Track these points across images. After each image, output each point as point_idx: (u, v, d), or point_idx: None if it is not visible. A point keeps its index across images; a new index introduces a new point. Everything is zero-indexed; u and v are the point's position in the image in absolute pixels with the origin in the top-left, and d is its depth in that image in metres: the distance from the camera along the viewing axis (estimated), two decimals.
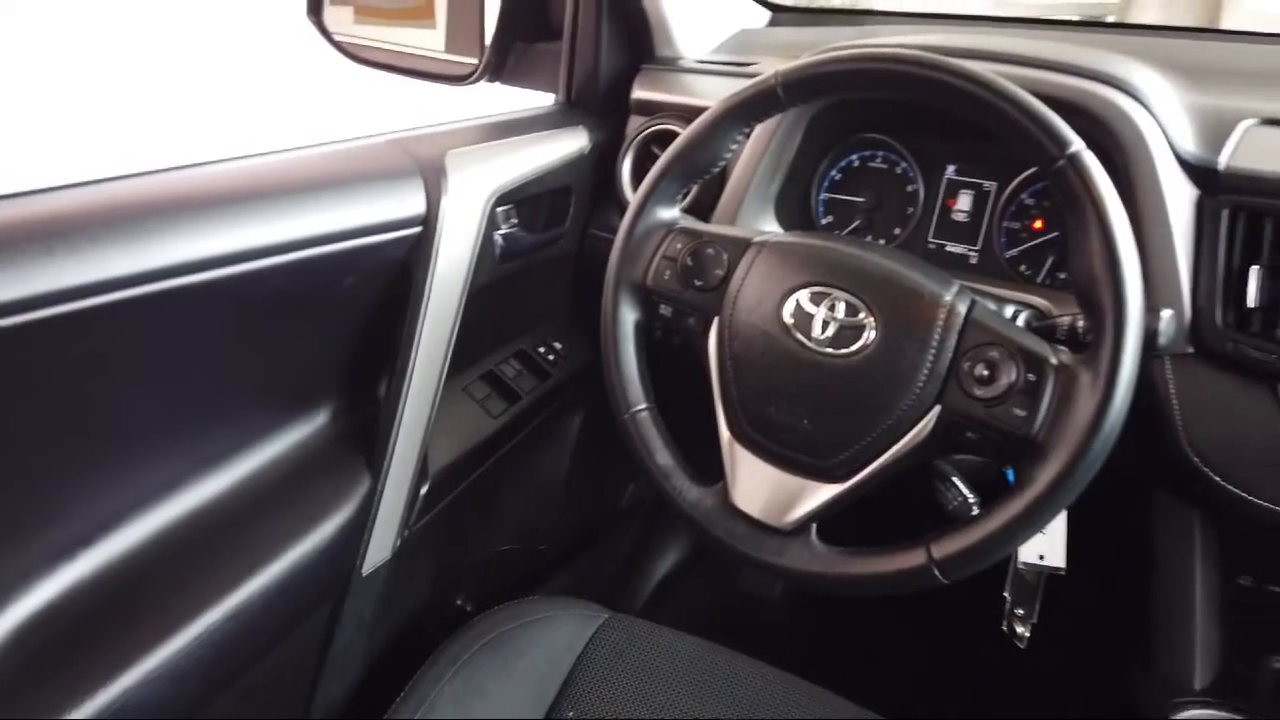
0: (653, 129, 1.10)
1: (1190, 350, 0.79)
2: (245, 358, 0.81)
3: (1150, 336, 0.72)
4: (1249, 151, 0.80)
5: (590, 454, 1.33)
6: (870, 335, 0.71)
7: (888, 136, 1.03)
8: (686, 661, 0.87)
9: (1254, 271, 0.76)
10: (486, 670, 0.85)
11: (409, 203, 0.87)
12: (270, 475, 0.86)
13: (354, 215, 0.80)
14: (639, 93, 1.14)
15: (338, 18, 1.24)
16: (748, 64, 1.13)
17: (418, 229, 0.88)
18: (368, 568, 0.96)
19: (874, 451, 0.70)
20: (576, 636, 0.89)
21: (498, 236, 1.01)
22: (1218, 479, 0.77)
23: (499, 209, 0.99)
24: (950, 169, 1.00)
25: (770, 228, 0.99)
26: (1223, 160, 0.80)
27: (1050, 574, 0.84)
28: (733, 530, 0.76)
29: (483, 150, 0.97)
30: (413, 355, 0.92)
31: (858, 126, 1.04)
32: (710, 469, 0.79)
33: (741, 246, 0.79)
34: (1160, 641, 0.93)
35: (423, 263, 0.90)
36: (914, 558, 0.67)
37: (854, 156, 1.05)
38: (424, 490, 1.01)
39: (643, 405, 0.82)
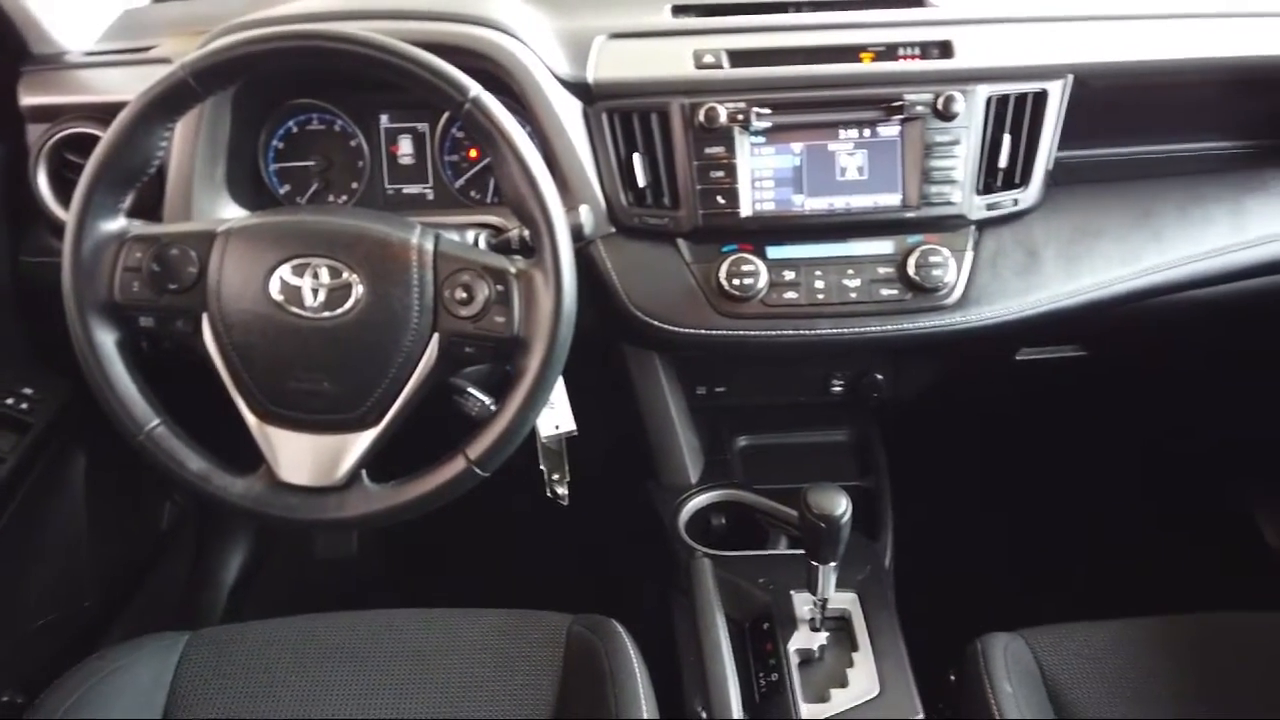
0: (61, 134, 1.01)
1: (613, 230, 0.99)
2: None
3: (577, 230, 0.90)
4: (606, 63, 0.99)
5: (112, 488, 1.23)
6: (359, 291, 0.77)
7: (317, 99, 1.07)
8: (286, 641, 0.89)
9: (637, 159, 0.98)
10: None
11: None
12: None
13: None
14: (29, 99, 1.03)
15: None
16: (145, 48, 1.07)
17: None
18: None
19: (395, 389, 0.79)
20: (162, 669, 0.86)
21: None
22: (653, 321, 0.98)
23: None
24: (384, 118, 1.08)
25: (230, 213, 0.99)
26: (590, 74, 0.98)
27: (568, 437, 1.01)
28: (290, 504, 0.80)
29: None
30: None
31: (285, 94, 1.06)
32: (249, 458, 0.81)
33: (207, 239, 0.79)
34: (659, 455, 1.17)
35: None
36: (455, 465, 0.78)
37: (290, 123, 1.07)
38: None
39: (155, 421, 0.80)
